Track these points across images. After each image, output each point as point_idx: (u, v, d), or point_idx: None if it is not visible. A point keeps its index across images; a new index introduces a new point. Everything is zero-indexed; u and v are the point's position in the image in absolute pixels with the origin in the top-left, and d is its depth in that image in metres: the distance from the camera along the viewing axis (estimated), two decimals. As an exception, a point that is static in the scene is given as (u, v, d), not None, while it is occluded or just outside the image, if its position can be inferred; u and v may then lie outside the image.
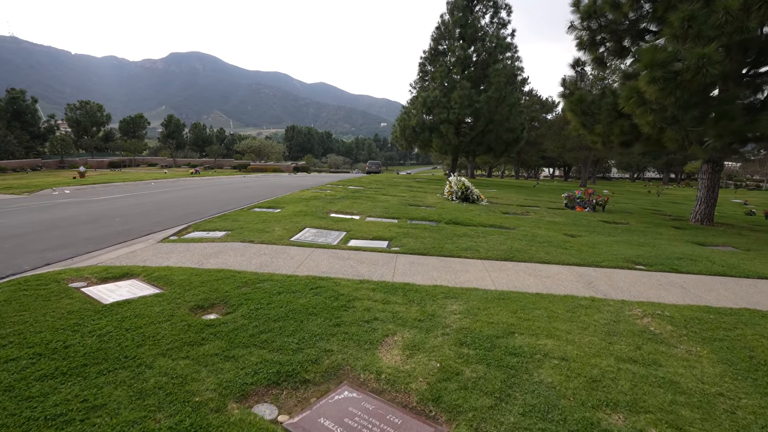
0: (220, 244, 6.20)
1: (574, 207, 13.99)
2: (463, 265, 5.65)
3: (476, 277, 5.12)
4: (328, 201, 11.50)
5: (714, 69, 8.07)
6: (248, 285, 4.20)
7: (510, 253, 6.32)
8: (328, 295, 3.98)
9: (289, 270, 5.01)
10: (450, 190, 13.70)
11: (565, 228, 9.49)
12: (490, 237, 7.46)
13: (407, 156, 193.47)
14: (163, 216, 9.03)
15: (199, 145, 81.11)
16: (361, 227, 7.81)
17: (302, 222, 8.05)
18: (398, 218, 9.32)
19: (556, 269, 5.67)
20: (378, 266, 5.37)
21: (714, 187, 11.54)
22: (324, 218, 8.62)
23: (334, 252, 5.98)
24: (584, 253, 6.60)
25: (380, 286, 4.43)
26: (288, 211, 9.30)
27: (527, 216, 11.31)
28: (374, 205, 11.09)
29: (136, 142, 57.06)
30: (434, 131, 25.68)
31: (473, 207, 12.26)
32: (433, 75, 26.11)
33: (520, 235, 7.95)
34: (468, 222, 9.28)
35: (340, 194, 13.56)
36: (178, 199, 12.71)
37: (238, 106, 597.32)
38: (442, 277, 5.03)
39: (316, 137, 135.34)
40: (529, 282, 5.02)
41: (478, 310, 3.79)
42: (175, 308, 3.47)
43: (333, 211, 9.85)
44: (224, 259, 5.37)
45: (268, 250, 5.95)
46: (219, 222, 7.90)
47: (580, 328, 3.47)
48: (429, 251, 6.21)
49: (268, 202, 11.10)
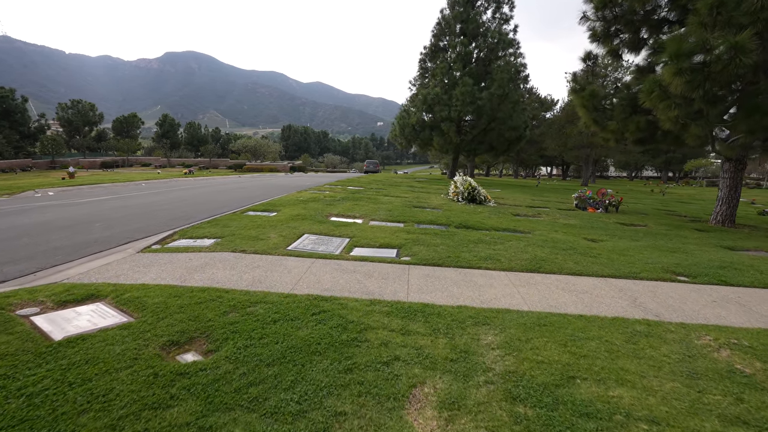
0: (208, 254, 5.46)
1: (585, 208, 13.33)
2: (485, 278, 4.94)
3: (503, 294, 4.41)
4: (327, 203, 10.77)
5: (748, 59, 7.40)
6: (237, 309, 3.47)
7: (535, 263, 5.62)
8: (335, 323, 3.25)
9: (286, 287, 4.28)
10: (456, 190, 13.00)
11: (583, 232, 8.81)
12: (508, 243, 6.75)
13: (404, 155, 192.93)
14: (148, 221, 8.27)
15: (194, 145, 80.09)
16: (365, 233, 7.09)
17: (300, 227, 7.32)
18: (404, 222, 8.61)
19: (590, 282, 4.98)
20: (389, 281, 4.66)
21: (737, 186, 10.89)
22: (324, 222, 7.89)
23: (337, 263, 5.26)
24: (616, 262, 5.91)
25: (395, 308, 3.71)
26: (284, 215, 8.56)
27: (539, 218, 10.62)
28: (377, 208, 10.37)
29: (129, 142, 56.02)
30: (435, 129, 24.96)
31: (481, 209, 11.56)
32: (434, 72, 25.38)
33: (539, 240, 7.26)
34: (480, 226, 8.58)
35: (340, 195, 12.83)
36: (167, 201, 11.94)
37: (234, 105, 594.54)
38: (465, 295, 4.32)
39: (312, 137, 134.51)
40: (565, 299, 4.32)
41: (519, 341, 3.08)
42: (142, 346, 2.74)
43: (333, 214, 9.12)
44: (211, 273, 4.64)
45: (262, 261, 5.22)
46: (209, 228, 7.15)
47: (653, 368, 2.76)
48: (444, 261, 5.50)
49: (263, 205, 10.36)
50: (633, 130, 11.78)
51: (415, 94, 26.99)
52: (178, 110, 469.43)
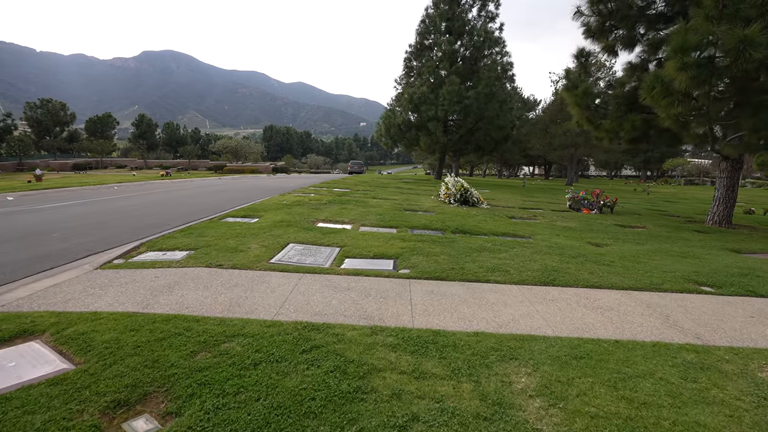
0: (179, 270, 4.74)
1: (579, 209, 12.98)
2: (496, 294, 4.37)
3: (521, 314, 3.85)
4: (313, 207, 10.08)
5: (758, 53, 7.06)
6: (209, 347, 2.80)
7: (547, 274, 5.08)
8: (331, 364, 2.62)
9: (269, 312, 3.62)
10: (447, 192, 12.47)
11: (585, 235, 8.37)
12: (513, 251, 6.22)
13: (387, 155, 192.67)
14: (114, 229, 7.45)
15: (172, 146, 77.89)
16: (357, 241, 6.45)
17: (285, 235, 6.63)
18: (397, 227, 8.01)
19: (612, 297, 4.46)
20: (389, 301, 4.04)
21: (734, 186, 10.67)
22: (311, 229, 7.22)
23: (327, 279, 4.62)
24: (632, 271, 5.44)
25: (401, 338, 3.10)
26: (267, 221, 7.85)
27: (536, 221, 10.17)
28: (366, 211, 9.74)
29: (103, 143, 53.82)
30: (421, 129, 24.45)
31: (475, 211, 11.05)
32: (420, 70, 24.88)
33: (543, 246, 6.75)
34: (477, 230, 8.05)
35: (326, 198, 12.14)
36: (139, 206, 11.04)
37: (215, 106, 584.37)
38: (478, 316, 3.74)
39: (295, 137, 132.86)
40: (591, 319, 3.78)
41: (559, 384, 2.51)
42: (76, 412, 2.05)
43: (320, 219, 8.45)
44: (180, 295, 3.94)
45: (241, 278, 4.53)
46: (181, 237, 6.40)
47: (733, 421, 2.22)
48: (448, 274, 4.91)
49: (243, 210, 9.60)
50: (628, 129, 11.46)
51: (400, 93, 26.44)
52: (157, 110, 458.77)
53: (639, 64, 12.45)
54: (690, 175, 67.61)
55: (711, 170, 67.69)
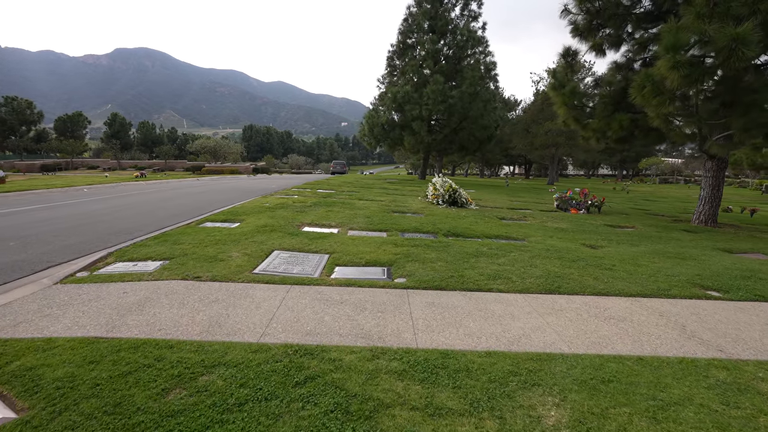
0: (151, 284, 4.26)
1: (567, 209, 12.90)
2: (501, 304, 4.06)
3: (531, 327, 3.55)
4: (297, 210, 9.62)
5: (750, 51, 6.99)
6: (184, 383, 2.38)
7: (550, 280, 4.81)
8: (330, 401, 2.24)
9: (254, 333, 3.21)
10: (435, 193, 12.18)
11: (578, 237, 8.20)
12: (511, 255, 5.95)
13: (369, 155, 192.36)
14: (79, 237, 6.84)
15: (148, 146, 75.60)
16: (347, 246, 6.06)
17: (269, 242, 6.18)
18: (387, 230, 7.65)
19: (622, 305, 4.22)
20: (387, 315, 3.68)
21: (719, 186, 10.72)
22: (296, 234, 6.78)
23: (317, 291, 4.22)
24: (635, 276, 5.23)
25: (407, 362, 2.74)
26: (249, 226, 7.37)
27: (527, 222, 9.98)
28: (353, 214, 9.35)
29: (73, 143, 51.61)
30: (405, 129, 24.16)
31: (464, 212, 10.79)
32: (403, 69, 24.59)
33: (540, 250, 6.51)
34: (470, 233, 7.76)
35: (311, 200, 11.68)
36: (109, 210, 10.36)
37: (192, 105, 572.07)
38: (486, 331, 3.42)
39: (275, 137, 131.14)
40: (606, 331, 3.51)
41: (593, 416, 2.20)
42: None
43: (306, 223, 8.01)
44: (152, 314, 3.48)
45: (222, 292, 4.09)
46: (155, 245, 5.88)
47: (796, 458, 1.95)
48: (447, 283, 4.58)
49: (223, 213, 9.06)
50: (616, 128, 11.41)
51: (384, 92, 26.09)
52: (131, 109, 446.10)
53: (624, 64, 12.46)
54: (663, 173, 69.68)
55: (683, 169, 70.04)
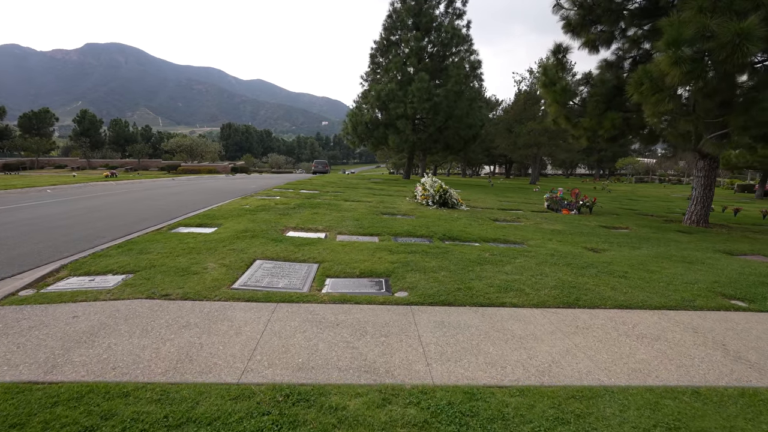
0: (109, 305, 3.60)
1: (558, 209, 12.63)
2: (519, 322, 3.58)
3: (559, 352, 3.07)
4: (280, 212, 8.97)
5: (754, 47, 6.75)
6: (138, 453, 1.78)
7: (565, 291, 4.37)
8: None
9: (234, 369, 2.61)
10: (425, 193, 11.70)
11: (577, 239, 7.84)
12: (516, 262, 5.49)
13: (351, 155, 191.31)
14: (30, 245, 6.03)
15: (120, 144, 72.86)
16: (337, 254, 5.49)
17: (250, 249, 5.55)
18: (378, 234, 7.11)
19: (650, 320, 3.79)
20: (392, 340, 3.13)
21: (711, 185, 10.60)
22: (280, 241, 6.16)
23: (308, 310, 3.64)
24: (651, 283, 4.85)
25: (427, 408, 2.21)
26: (227, 231, 6.69)
27: (521, 223, 9.60)
28: (341, 216, 8.76)
29: (39, 141, 49.06)
30: (389, 127, 23.64)
31: (456, 214, 10.35)
32: (387, 66, 24.05)
33: (543, 255, 6.09)
34: (466, 236, 7.30)
35: (294, 202, 11.01)
36: (71, 214, 9.46)
37: (168, 102, 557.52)
38: (510, 358, 2.92)
39: (255, 136, 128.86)
40: (644, 355, 3.06)
41: (677, 487, 1.71)
42: None
43: (290, 227, 7.38)
44: (105, 347, 2.84)
45: (194, 314, 3.46)
46: (118, 256, 5.16)
47: None
48: (455, 297, 4.07)
49: (199, 217, 8.32)
50: (608, 127, 11.17)
51: (367, 89, 25.50)
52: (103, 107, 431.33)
53: (614, 62, 12.26)
54: (639, 173, 71.44)
55: (656, 168, 71.96)
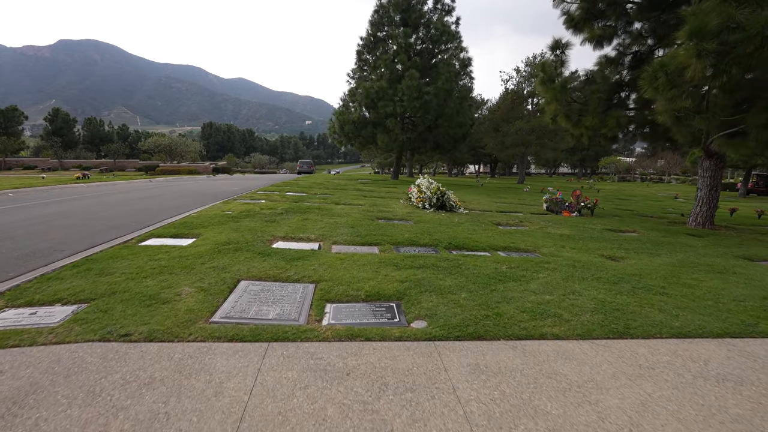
0: (48, 352, 2.77)
1: (558, 211, 12.11)
2: (569, 361, 2.90)
3: (634, 407, 2.39)
4: (266, 219, 8.14)
5: (784, 38, 6.26)
6: None
7: (609, 315, 3.72)
8: None
9: (212, 461, 1.85)
10: (420, 195, 11.02)
11: (589, 245, 7.26)
12: (540, 278, 4.83)
13: (335, 154, 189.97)
14: (-28, 263, 5.08)
15: (95, 144, 70.26)
16: (336, 270, 4.73)
17: (233, 266, 4.74)
18: (377, 244, 6.38)
19: (717, 352, 3.17)
20: (420, 397, 2.41)
21: (717, 186, 10.20)
22: (268, 255, 5.36)
23: (309, 352, 2.89)
24: (698, 302, 4.25)
25: None
26: (207, 243, 5.85)
27: (525, 228, 9.01)
28: (334, 223, 7.99)
29: (6, 140, 46.57)
30: (378, 126, 22.90)
31: (456, 218, 9.69)
32: (375, 63, 23.29)
33: (564, 266, 5.46)
34: (473, 245, 6.63)
35: (281, 206, 10.17)
36: (30, 221, 8.43)
37: (146, 101, 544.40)
38: (578, 422, 2.23)
39: (237, 135, 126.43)
40: (738, 408, 2.42)
41: None
42: None
43: (279, 237, 6.58)
44: (30, 426, 2.03)
45: (161, 365, 2.66)
46: (72, 278, 4.28)
47: None
48: (484, 327, 3.37)
49: (174, 226, 7.43)
50: (612, 125, 10.68)
51: (354, 87, 24.69)
52: (78, 105, 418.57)
53: (615, 58, 11.80)
54: (620, 171, 72.53)
55: (636, 167, 73.16)
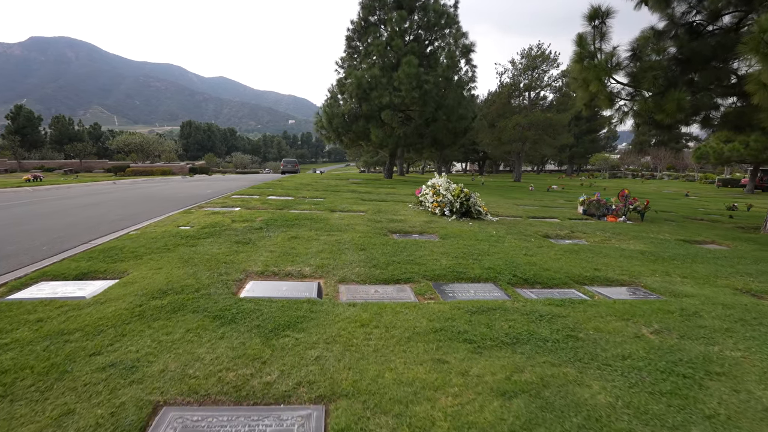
0: None
1: (602, 216, 10.02)
2: None
3: None
4: (238, 238, 5.72)
5: None
6: None
7: None
8: None
9: None
10: (438, 199, 8.74)
11: (697, 269, 5.12)
12: (725, 367, 2.62)
13: (319, 153, 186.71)
14: None
15: (64, 144, 65.92)
16: (358, 358, 2.41)
17: (157, 360, 2.37)
18: (408, 280, 4.11)
19: None
20: None
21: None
22: (231, 321, 2.99)
23: None
24: None
25: None
26: (128, 294, 3.44)
27: (583, 242, 6.85)
28: (335, 242, 5.65)
29: (-39, 140, 42.62)
30: (372, 120, 20.57)
31: (491, 229, 7.46)
32: (367, 50, 20.94)
33: (716, 316, 3.26)
34: (547, 276, 4.40)
35: (261, 216, 7.72)
36: None
37: (124, 100, 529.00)
38: None
39: (218, 134, 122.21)
40: None
41: None
42: None
43: (253, 273, 4.21)
44: None
45: None
46: None
47: None
48: None
49: (94, 253, 4.94)
50: (672, 109, 8.59)
51: (343, 77, 22.30)
52: (52, 105, 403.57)
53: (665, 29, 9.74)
54: (610, 168, 71.75)
55: (620, 164, 72.42)
